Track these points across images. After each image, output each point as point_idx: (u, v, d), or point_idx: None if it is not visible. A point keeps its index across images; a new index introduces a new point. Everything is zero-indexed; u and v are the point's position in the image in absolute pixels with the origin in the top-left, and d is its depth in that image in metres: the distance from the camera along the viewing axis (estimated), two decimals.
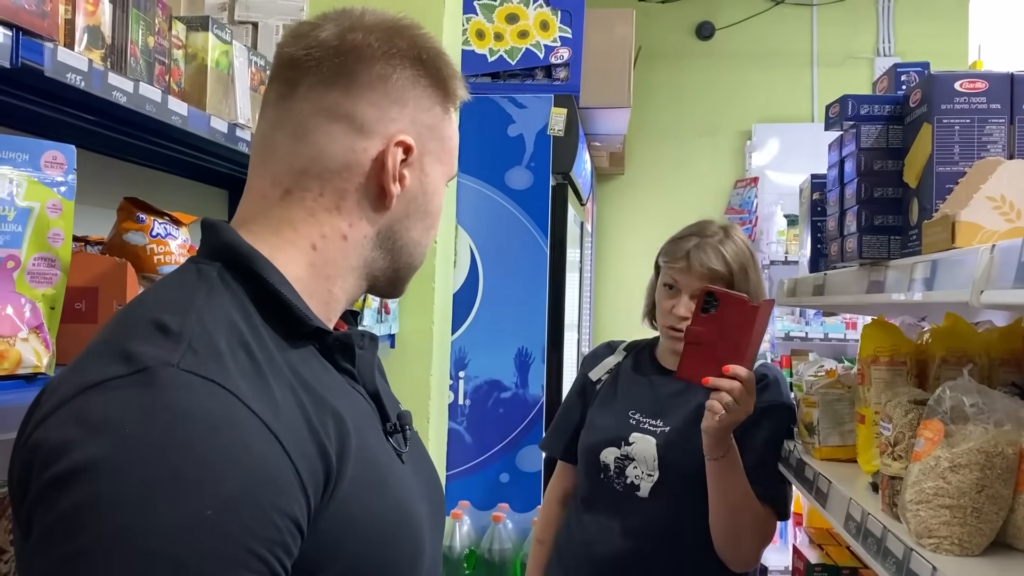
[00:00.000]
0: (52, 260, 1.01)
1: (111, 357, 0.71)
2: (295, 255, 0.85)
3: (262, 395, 0.73)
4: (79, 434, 0.67)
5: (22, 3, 1.00)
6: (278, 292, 0.81)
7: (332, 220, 0.86)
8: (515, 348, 3.15)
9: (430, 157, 0.91)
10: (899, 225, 1.31)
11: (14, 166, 0.97)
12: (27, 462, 0.70)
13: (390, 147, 0.86)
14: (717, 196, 5.69)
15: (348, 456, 0.78)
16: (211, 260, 0.83)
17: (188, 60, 1.54)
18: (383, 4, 0.92)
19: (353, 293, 0.91)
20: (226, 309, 0.78)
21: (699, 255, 1.73)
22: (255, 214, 0.87)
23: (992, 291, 0.86)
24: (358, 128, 0.86)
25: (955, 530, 1.04)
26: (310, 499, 0.73)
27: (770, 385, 1.77)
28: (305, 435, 0.74)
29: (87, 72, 1.16)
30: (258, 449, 0.70)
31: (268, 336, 0.79)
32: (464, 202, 3.11)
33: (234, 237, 0.84)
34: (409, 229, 0.91)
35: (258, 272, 0.81)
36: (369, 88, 0.86)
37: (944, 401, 1.09)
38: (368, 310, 2.31)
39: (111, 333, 0.77)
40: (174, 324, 0.74)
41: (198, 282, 0.80)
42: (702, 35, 5.73)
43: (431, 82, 0.90)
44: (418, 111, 0.89)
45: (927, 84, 1.21)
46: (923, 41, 5.37)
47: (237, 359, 0.74)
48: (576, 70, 3.24)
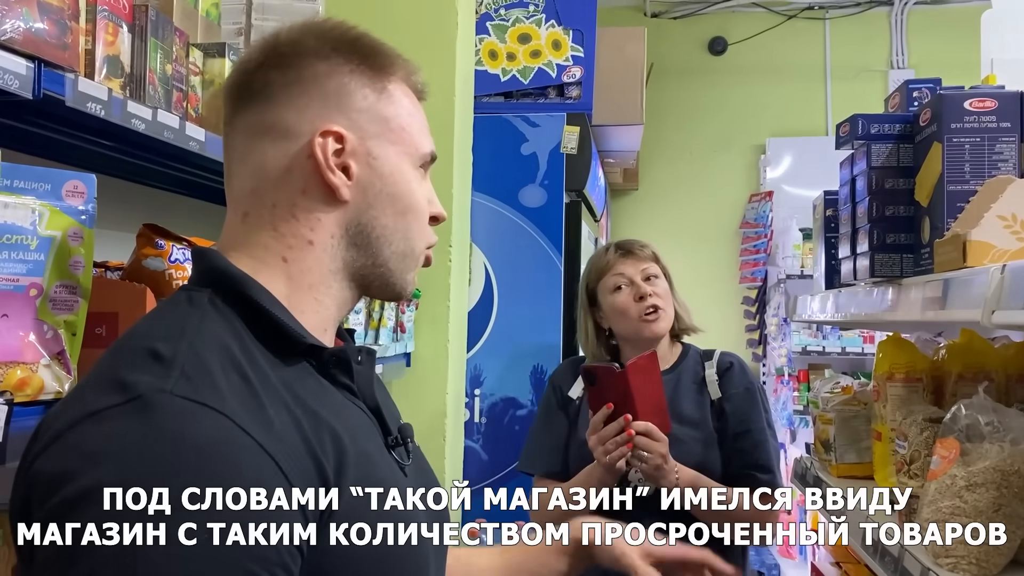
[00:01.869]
0: (73, 287, 1.03)
1: (106, 387, 0.72)
2: (272, 273, 0.86)
3: (257, 416, 0.73)
4: (77, 464, 0.68)
5: (44, 36, 1.03)
6: (270, 312, 0.82)
7: (293, 229, 0.87)
8: (531, 365, 3.15)
9: (374, 139, 0.89)
10: (911, 244, 1.31)
11: (37, 196, 0.99)
12: (27, 493, 0.71)
13: (315, 140, 0.86)
14: (732, 210, 5.68)
15: (346, 472, 0.78)
16: (201, 287, 0.84)
17: (205, 86, 1.56)
18: (395, 27, 0.93)
19: (342, 298, 0.90)
20: (218, 333, 0.79)
21: (628, 243, 1.97)
22: (229, 242, 0.89)
23: (1004, 311, 0.86)
24: (283, 134, 0.87)
25: (972, 549, 1.03)
26: (309, 521, 0.73)
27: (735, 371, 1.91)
28: (301, 453, 0.75)
29: (107, 101, 1.18)
30: (253, 470, 0.70)
31: (261, 356, 0.79)
32: (478, 220, 3.13)
33: (222, 262, 0.85)
34: (377, 218, 0.89)
35: (248, 294, 0.82)
36: (285, 92, 0.87)
37: (959, 419, 1.09)
38: (384, 329, 2.33)
39: (106, 364, 0.77)
40: (167, 351, 0.74)
41: (189, 309, 0.81)
42: (714, 50, 5.74)
43: (352, 67, 0.89)
44: (344, 98, 0.88)
45: (937, 103, 1.21)
46: (936, 54, 5.35)
47: (231, 381, 0.74)
48: (588, 88, 3.25)
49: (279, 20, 2.03)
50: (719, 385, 1.90)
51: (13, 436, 0.92)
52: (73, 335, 1.04)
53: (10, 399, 0.93)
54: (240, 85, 0.89)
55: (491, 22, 3.26)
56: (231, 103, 0.90)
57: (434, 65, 2.52)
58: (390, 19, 2.55)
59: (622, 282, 1.92)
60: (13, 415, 0.92)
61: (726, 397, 1.89)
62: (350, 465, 0.78)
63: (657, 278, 1.94)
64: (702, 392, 1.91)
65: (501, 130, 3.16)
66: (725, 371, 1.92)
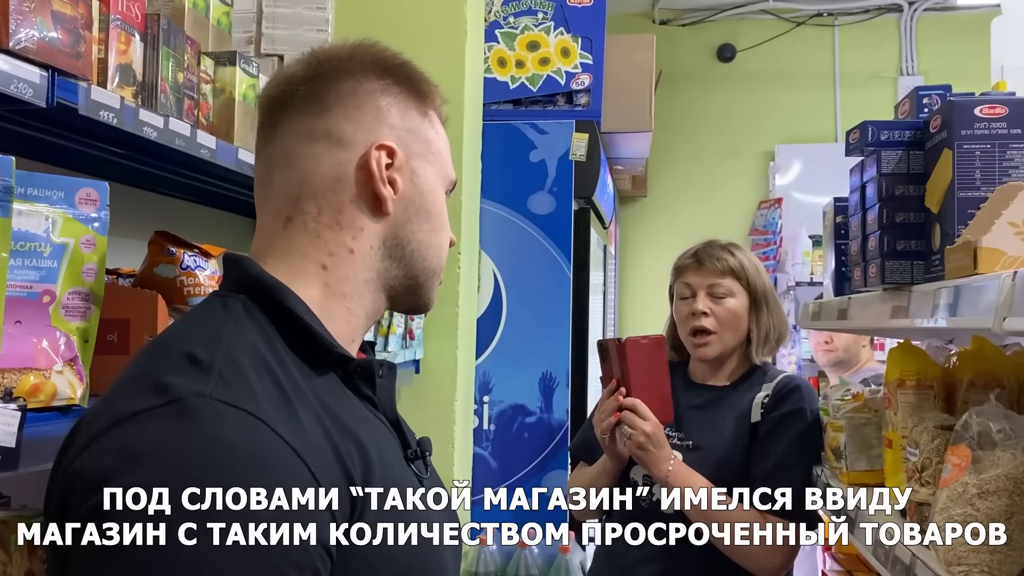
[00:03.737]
0: (86, 294, 1.04)
1: (146, 389, 0.74)
2: (308, 279, 0.87)
3: (290, 423, 0.75)
4: (118, 464, 0.69)
5: (57, 45, 1.04)
6: (303, 321, 0.83)
7: (336, 236, 0.89)
8: (539, 372, 3.15)
9: (418, 159, 0.93)
10: (922, 250, 1.31)
11: (50, 203, 1.00)
12: (66, 491, 0.72)
13: (372, 152, 0.88)
14: (741, 217, 5.68)
15: (373, 483, 0.79)
16: (235, 293, 0.85)
17: (216, 94, 1.57)
18: (405, 35, 0.95)
19: (372, 308, 0.93)
20: (252, 340, 0.80)
21: (707, 250, 1.85)
22: (266, 248, 0.90)
23: (1015, 318, 0.86)
24: (338, 142, 0.89)
25: (984, 558, 1.02)
26: (338, 525, 0.74)
27: (788, 395, 1.79)
28: (332, 462, 0.76)
29: (119, 109, 1.19)
30: (289, 475, 0.72)
31: (293, 365, 0.81)
32: (487, 227, 3.13)
33: (257, 270, 0.86)
34: (415, 232, 0.93)
35: (283, 302, 0.84)
36: (340, 104, 0.89)
37: (971, 427, 1.09)
38: (393, 336, 2.33)
39: (144, 366, 0.79)
40: (204, 356, 0.76)
41: (225, 315, 0.82)
42: (723, 57, 5.74)
43: (401, 88, 0.93)
44: (394, 116, 0.91)
45: (947, 110, 1.21)
46: (946, 60, 5.34)
47: (265, 388, 0.76)
48: (597, 96, 3.26)
49: (289, 29, 2.04)
50: (764, 407, 1.79)
51: (26, 442, 0.92)
52: (86, 342, 1.04)
53: (23, 405, 0.94)
54: (289, 94, 0.90)
55: (500, 30, 3.27)
56: (276, 111, 0.91)
57: (443, 72, 2.53)
58: (400, 27, 2.57)
59: (686, 292, 1.85)
60: (26, 421, 0.93)
61: (764, 420, 1.77)
62: (375, 473, 0.80)
63: (728, 297, 1.81)
64: (744, 414, 1.80)
65: (510, 137, 3.17)
66: (782, 394, 1.79)
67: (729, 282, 1.81)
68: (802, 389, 1.81)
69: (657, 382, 1.74)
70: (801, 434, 1.75)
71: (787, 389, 1.80)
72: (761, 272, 1.86)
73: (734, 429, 1.79)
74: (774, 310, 1.86)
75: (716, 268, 1.81)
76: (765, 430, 1.76)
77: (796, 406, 1.77)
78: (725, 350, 1.84)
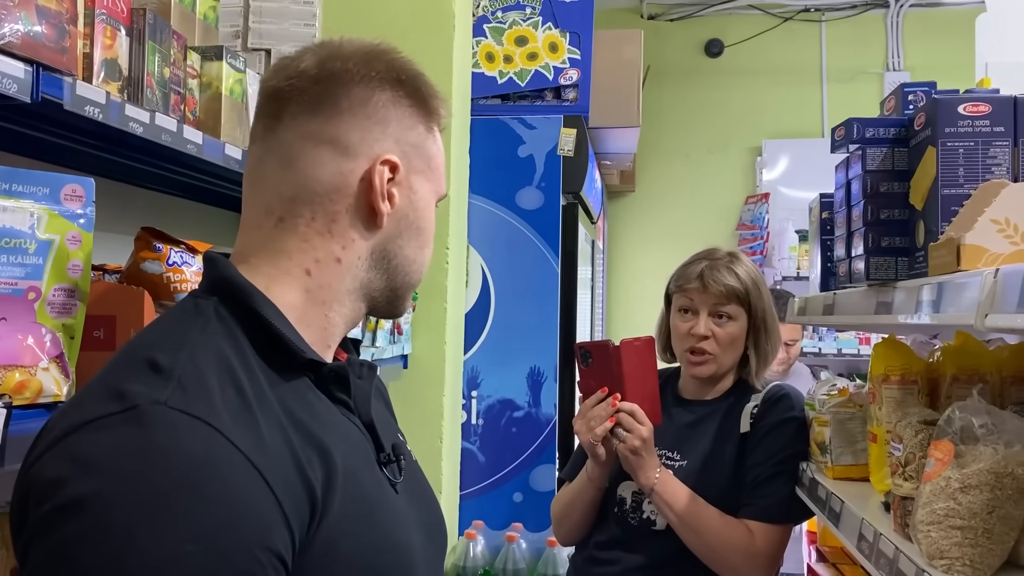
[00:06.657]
0: (72, 291, 1.03)
1: (105, 395, 0.73)
2: (291, 283, 0.87)
3: (248, 431, 0.74)
4: (70, 472, 0.69)
5: (42, 39, 1.03)
6: (272, 326, 0.82)
7: (325, 244, 0.88)
8: (527, 367, 3.16)
9: (417, 175, 0.92)
10: (906, 247, 1.32)
11: (35, 200, 1.00)
12: (23, 498, 0.72)
13: (376, 166, 0.88)
14: (728, 212, 5.70)
15: (334, 490, 0.78)
16: (209, 294, 0.85)
17: (203, 89, 1.57)
18: (396, 29, 0.95)
19: (351, 316, 0.92)
20: (219, 345, 0.79)
21: (712, 274, 1.79)
22: (252, 246, 0.88)
23: (996, 315, 0.87)
24: (343, 150, 0.87)
25: (967, 551, 1.04)
26: (294, 533, 0.73)
27: (777, 403, 1.78)
28: (290, 470, 0.75)
29: (104, 104, 1.18)
30: (241, 485, 0.71)
31: (260, 370, 0.80)
32: (475, 222, 3.13)
33: (231, 272, 0.85)
34: (403, 247, 0.92)
35: (252, 306, 0.83)
36: (350, 111, 0.88)
37: (954, 422, 1.10)
38: (381, 331, 2.33)
39: (108, 371, 0.78)
40: (166, 362, 0.75)
41: (195, 317, 0.82)
42: (711, 52, 5.75)
43: (412, 102, 0.92)
44: (401, 130, 0.90)
45: (931, 107, 1.22)
46: (932, 56, 5.38)
47: (226, 396, 0.75)
48: (585, 91, 3.26)
49: (276, 23, 2.03)
50: (754, 417, 1.77)
51: (12, 439, 0.92)
52: (71, 338, 1.04)
53: (9, 402, 0.93)
54: (298, 90, 0.88)
55: (488, 24, 3.26)
56: (280, 103, 0.89)
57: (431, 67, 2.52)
58: (388, 21, 2.56)
59: (687, 306, 1.82)
60: (12, 418, 0.92)
61: (755, 430, 1.76)
62: (338, 483, 0.79)
63: (730, 321, 1.79)
64: (734, 426, 1.79)
65: (498, 132, 3.17)
66: (771, 403, 1.78)
67: (733, 307, 1.79)
68: (791, 397, 1.80)
69: (648, 384, 1.73)
70: (791, 441, 1.75)
71: (776, 398, 1.79)
72: (763, 291, 1.83)
73: (723, 442, 1.78)
74: (772, 332, 1.84)
75: (722, 291, 1.78)
76: (755, 439, 1.75)
77: (786, 415, 1.77)
78: (720, 370, 1.82)
